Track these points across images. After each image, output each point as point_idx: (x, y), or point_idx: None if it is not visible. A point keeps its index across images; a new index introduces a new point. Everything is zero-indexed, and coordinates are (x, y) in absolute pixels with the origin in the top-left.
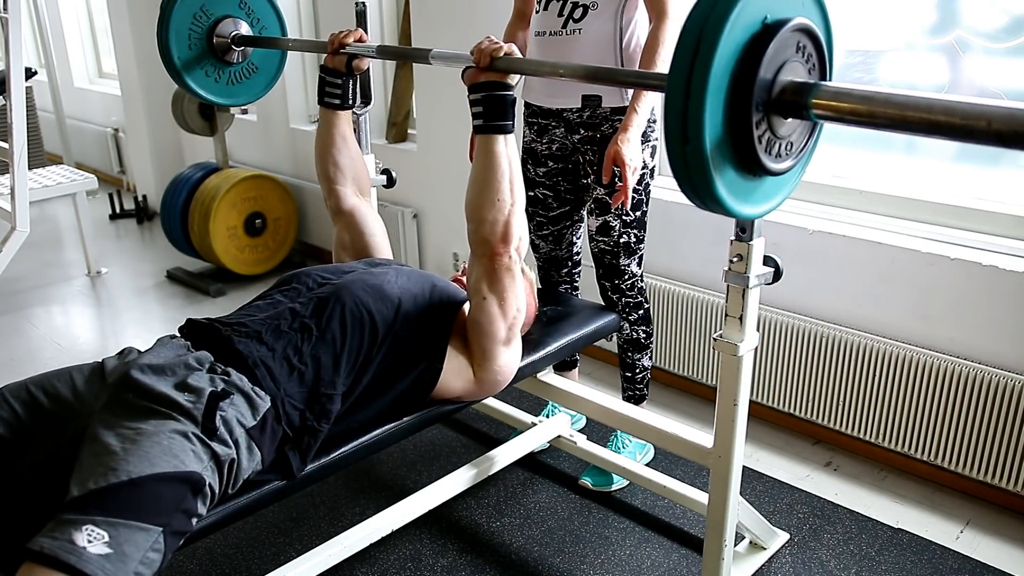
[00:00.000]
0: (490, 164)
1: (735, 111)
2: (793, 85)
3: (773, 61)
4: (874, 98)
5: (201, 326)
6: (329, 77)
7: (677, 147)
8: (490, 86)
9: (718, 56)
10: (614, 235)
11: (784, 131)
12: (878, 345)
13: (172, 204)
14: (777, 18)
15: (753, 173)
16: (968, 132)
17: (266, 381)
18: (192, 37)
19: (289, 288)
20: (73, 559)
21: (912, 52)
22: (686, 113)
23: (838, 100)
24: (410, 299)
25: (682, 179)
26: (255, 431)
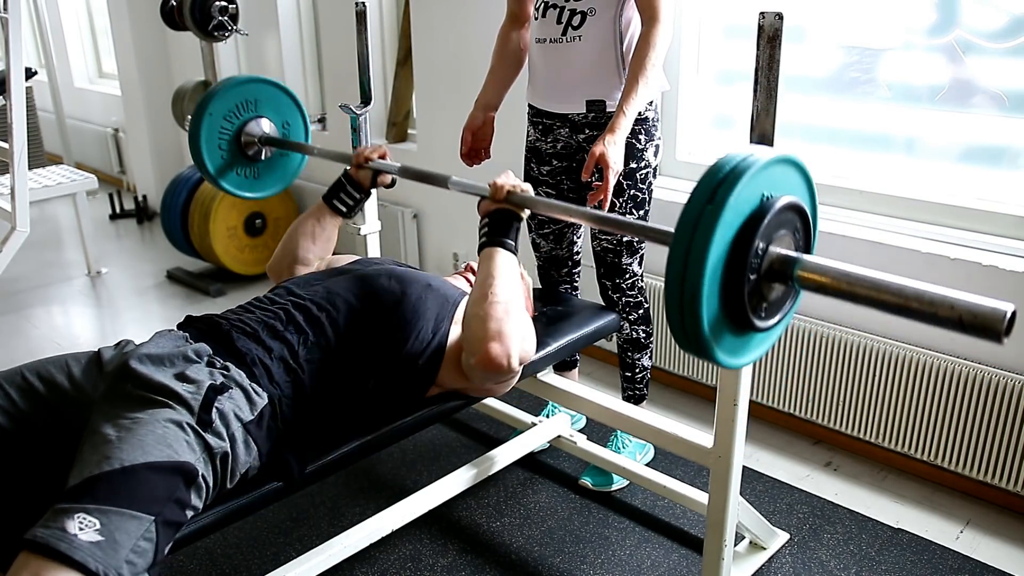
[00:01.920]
0: (487, 270)
1: (730, 288)
2: (781, 256)
3: (767, 231)
4: (851, 276)
5: (200, 320)
6: (350, 187)
7: (678, 324)
8: (501, 212)
9: (726, 214)
10: (617, 234)
11: (772, 294)
12: (878, 345)
13: (172, 204)
14: (775, 193)
15: (743, 331)
16: (934, 317)
17: (264, 380)
18: (222, 144)
19: (286, 289)
20: (63, 546)
21: (912, 52)
22: (683, 303)
23: (820, 274)
24: (405, 300)
25: (683, 344)
26: (252, 426)
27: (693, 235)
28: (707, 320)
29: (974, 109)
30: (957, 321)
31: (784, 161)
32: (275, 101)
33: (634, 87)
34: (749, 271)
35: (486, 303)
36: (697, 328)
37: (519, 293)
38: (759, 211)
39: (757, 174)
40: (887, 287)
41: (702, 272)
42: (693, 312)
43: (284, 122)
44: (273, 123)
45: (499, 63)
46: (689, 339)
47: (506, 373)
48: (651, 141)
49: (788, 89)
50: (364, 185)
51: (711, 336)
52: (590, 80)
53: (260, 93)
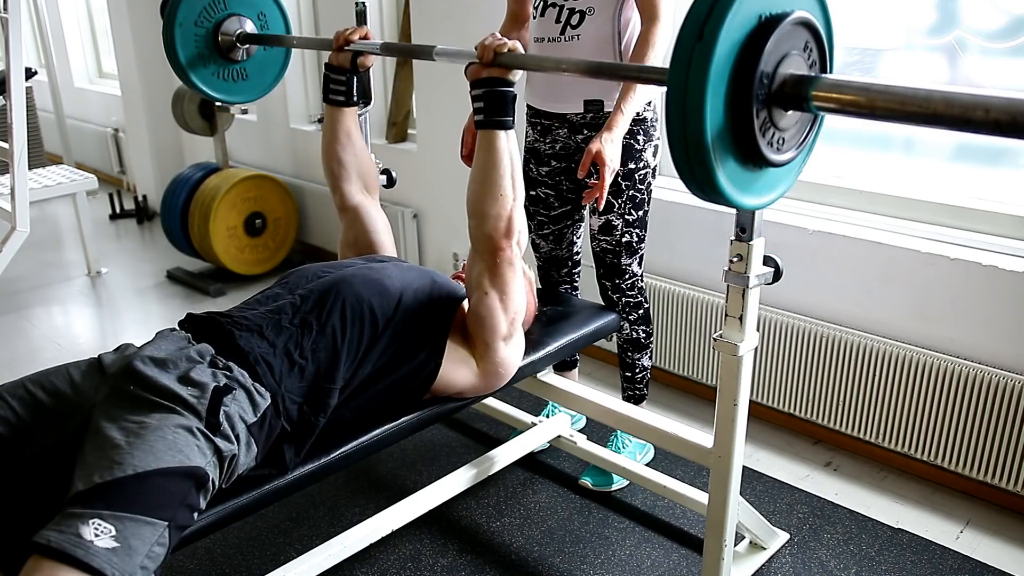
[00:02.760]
0: (491, 159)
1: (736, 103)
2: (793, 78)
3: (773, 54)
4: (872, 89)
5: (201, 320)
6: (334, 74)
7: (679, 139)
8: (492, 82)
9: (718, 49)
10: (616, 234)
11: (785, 123)
12: (878, 345)
13: (172, 204)
14: (776, 12)
15: (755, 164)
16: (967, 121)
17: (267, 378)
18: (197, 35)
19: (289, 283)
20: (80, 552)
21: (912, 52)
22: (686, 105)
23: (837, 92)
24: (410, 293)
25: (684, 171)
26: (255, 427)
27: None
28: (710, 134)
29: None
30: (994, 124)
31: None
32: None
33: (633, 87)
34: (757, 94)
35: (493, 201)
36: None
37: (519, 178)
38: (767, 22)
39: None
40: (913, 97)
41: (706, 73)
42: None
43: (259, 13)
44: (249, 19)
45: None
46: (690, 156)
47: (512, 262)
48: (650, 142)
49: None
50: (346, 67)
51: (714, 154)
52: (588, 80)
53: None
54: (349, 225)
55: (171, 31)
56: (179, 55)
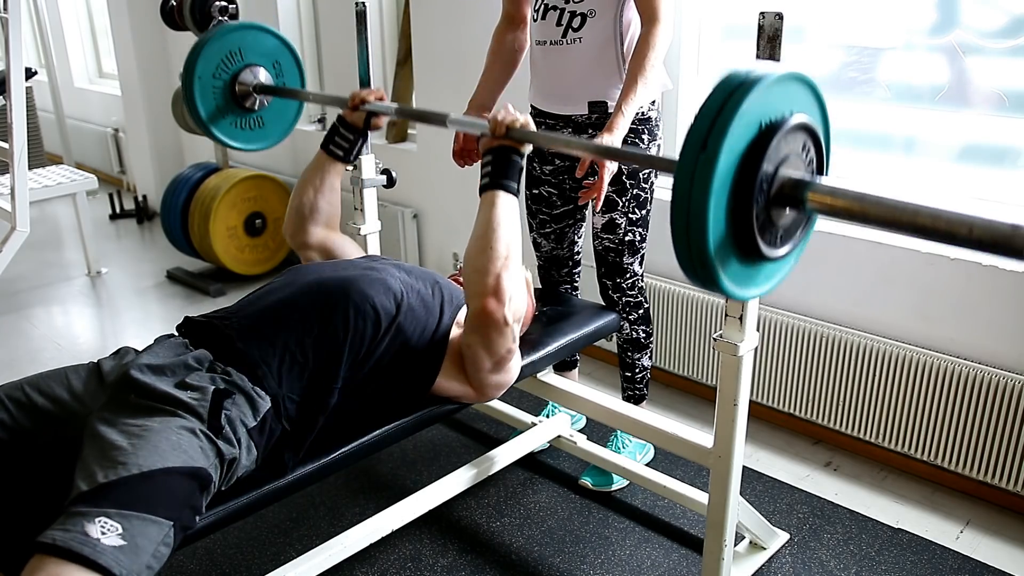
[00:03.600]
0: (487, 216)
1: (737, 207)
2: (791, 181)
3: (774, 157)
4: (865, 199)
5: (199, 324)
6: (344, 130)
7: (683, 241)
8: (502, 149)
9: (721, 161)
10: (619, 232)
11: (782, 221)
12: (878, 345)
13: (172, 204)
14: (776, 118)
15: (752, 260)
16: (951, 237)
17: (267, 380)
18: (215, 88)
19: (289, 280)
20: (87, 550)
21: (912, 52)
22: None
23: (831, 197)
24: (413, 293)
25: (688, 269)
26: (255, 431)
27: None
28: (713, 239)
29: (974, 109)
30: (976, 243)
31: (795, 79)
32: (262, 47)
33: (633, 87)
34: (758, 194)
35: (484, 257)
36: (703, 246)
37: (518, 242)
38: (770, 127)
39: (771, 86)
40: (903, 209)
41: (709, 184)
42: (698, 229)
43: (274, 62)
44: (264, 68)
45: (493, 63)
46: (694, 260)
47: (499, 327)
48: (654, 140)
49: None
50: (358, 127)
51: (717, 261)
52: (591, 81)
53: (255, 41)
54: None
55: (191, 85)
56: (199, 109)
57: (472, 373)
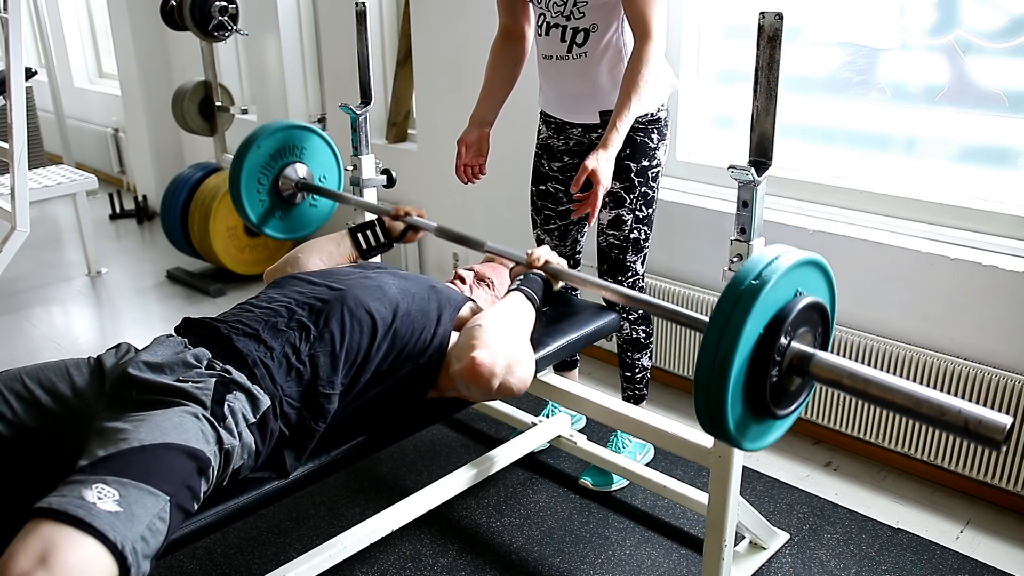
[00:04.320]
0: (504, 304)
1: (754, 375)
2: (800, 353)
3: (789, 332)
4: (863, 377)
5: (198, 324)
6: (380, 232)
7: (703, 397)
8: (535, 274)
9: (751, 320)
10: (625, 229)
11: (791, 387)
12: (877, 345)
13: (172, 204)
14: (792, 301)
15: (761, 417)
16: (942, 423)
17: (265, 381)
18: (260, 192)
19: (287, 287)
20: (83, 513)
21: (912, 52)
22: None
23: (832, 371)
24: (409, 299)
25: (703, 419)
26: (255, 427)
27: (734, 307)
28: (731, 394)
29: (974, 109)
30: (962, 427)
31: (811, 264)
32: (314, 149)
33: (627, 104)
34: (773, 363)
35: (488, 317)
36: (721, 398)
37: (527, 330)
38: (789, 304)
39: (793, 269)
40: (899, 391)
41: (737, 341)
42: (721, 381)
43: (322, 176)
44: (311, 170)
45: (492, 78)
46: (716, 431)
47: (486, 388)
48: (663, 140)
49: (788, 89)
50: (393, 235)
51: (737, 432)
52: (602, 93)
53: (303, 140)
54: None
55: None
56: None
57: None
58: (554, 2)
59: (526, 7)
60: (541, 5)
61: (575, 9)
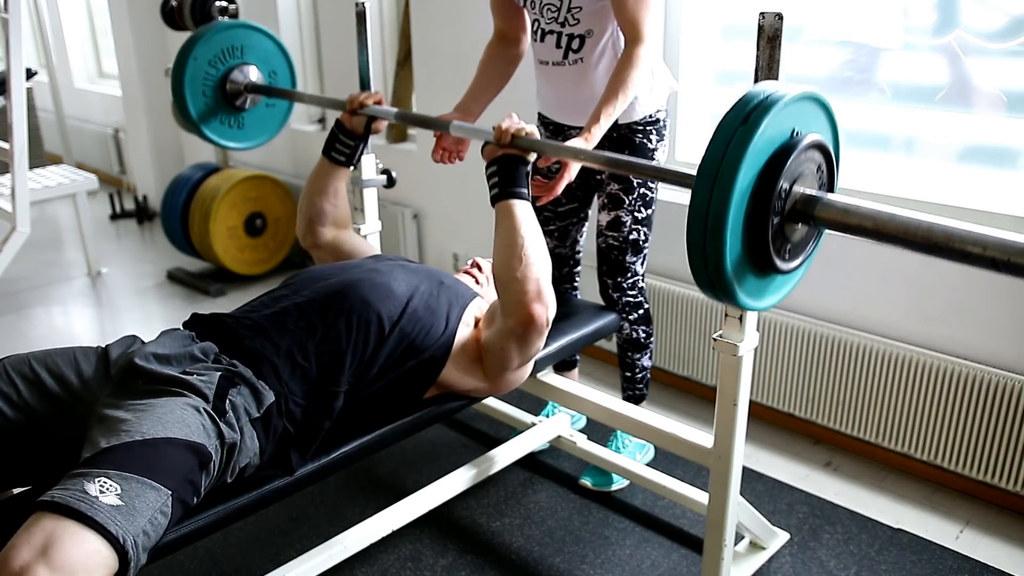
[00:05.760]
0: (512, 226)
1: (754, 225)
2: (804, 197)
3: (789, 176)
4: (877, 217)
5: (206, 319)
6: (343, 136)
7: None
8: (507, 158)
9: (739, 180)
10: (624, 230)
11: (795, 236)
12: (878, 345)
13: (172, 204)
14: (794, 136)
15: (766, 273)
16: (964, 255)
17: (271, 378)
18: (206, 89)
19: (295, 285)
20: (84, 507)
21: (912, 52)
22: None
23: (843, 216)
24: (418, 296)
25: (704, 284)
26: (258, 423)
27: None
28: (730, 258)
29: (974, 109)
30: (990, 262)
31: (810, 98)
32: (261, 49)
33: (613, 100)
34: (774, 211)
35: (520, 265)
36: (720, 264)
37: (543, 245)
38: (787, 146)
39: (787, 105)
40: (915, 228)
41: (728, 199)
42: (716, 246)
43: (271, 71)
44: (260, 72)
45: (482, 74)
46: (712, 278)
47: (542, 330)
48: (661, 141)
49: None
50: (358, 132)
51: (733, 275)
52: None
53: (246, 40)
54: (327, 256)
55: (180, 86)
56: (191, 110)
57: (496, 371)
58: (548, 8)
59: (521, 13)
60: (535, 11)
61: (569, 15)
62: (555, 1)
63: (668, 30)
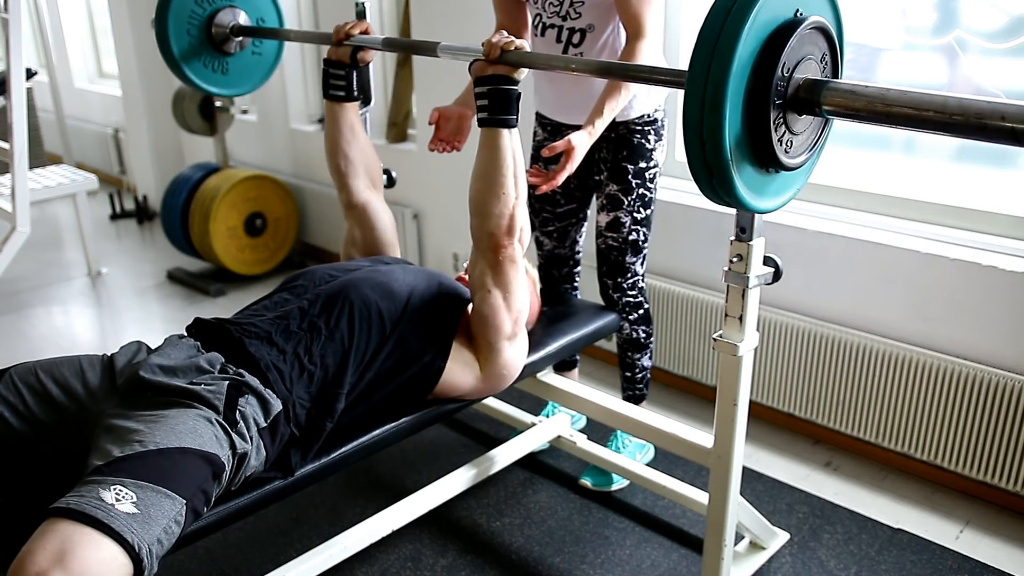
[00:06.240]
0: (495, 157)
1: (754, 107)
2: (808, 83)
3: (791, 58)
4: (887, 96)
5: (210, 326)
6: (333, 69)
7: (696, 141)
8: (497, 79)
9: (739, 50)
10: (624, 231)
11: (798, 128)
12: (878, 345)
13: (172, 204)
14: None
15: (768, 169)
16: (982, 129)
17: (278, 384)
18: (191, 28)
19: (297, 287)
20: (101, 514)
21: (912, 52)
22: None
23: (851, 98)
24: (417, 296)
25: (701, 175)
26: (266, 432)
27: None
28: (730, 138)
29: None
30: (1009, 132)
31: None
32: None
33: (616, 95)
34: (775, 92)
35: (494, 197)
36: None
37: (523, 177)
38: (790, 23)
39: None
40: (928, 101)
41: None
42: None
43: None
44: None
45: None
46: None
47: (515, 259)
48: (660, 141)
49: None
50: (345, 62)
51: (732, 160)
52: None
53: None
54: (356, 223)
55: (164, 21)
56: (172, 46)
57: (492, 341)
58: (550, 2)
59: (523, 7)
60: (537, 5)
61: (571, 9)
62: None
63: (668, 29)
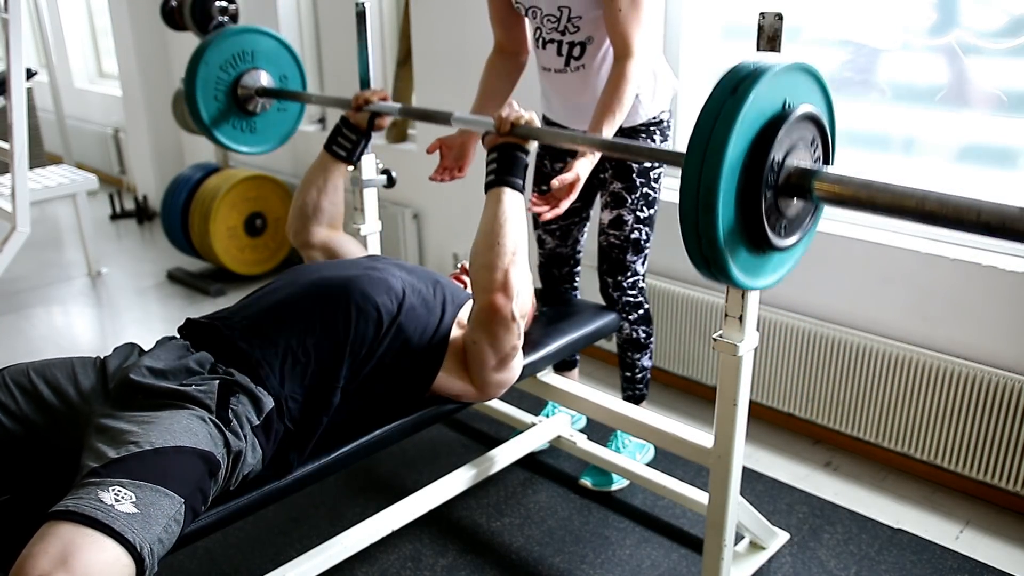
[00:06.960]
0: (495, 213)
1: (746, 200)
2: (799, 170)
3: (781, 146)
4: (872, 186)
5: (201, 326)
6: (347, 130)
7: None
8: (507, 147)
9: (728, 153)
10: (626, 229)
11: (791, 211)
12: (878, 345)
13: (172, 204)
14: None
15: (762, 250)
16: (959, 222)
17: (270, 380)
18: (218, 93)
19: (291, 281)
20: (101, 515)
21: (911, 52)
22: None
23: (839, 185)
24: (414, 293)
25: (697, 258)
26: (259, 430)
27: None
28: (723, 232)
29: (974, 109)
30: (984, 227)
31: (802, 69)
32: (272, 54)
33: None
34: (767, 183)
35: (492, 253)
36: (713, 240)
37: (524, 239)
38: (778, 116)
39: (778, 76)
40: (910, 195)
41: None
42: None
43: (282, 75)
44: (271, 76)
45: (483, 92)
46: (706, 254)
47: (507, 323)
48: (664, 142)
49: None
50: (361, 128)
51: (727, 250)
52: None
53: (257, 44)
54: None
55: (193, 91)
56: (202, 114)
57: (476, 371)
58: (548, 18)
59: (521, 22)
60: (536, 20)
61: (570, 24)
62: (555, 12)
63: (668, 30)
